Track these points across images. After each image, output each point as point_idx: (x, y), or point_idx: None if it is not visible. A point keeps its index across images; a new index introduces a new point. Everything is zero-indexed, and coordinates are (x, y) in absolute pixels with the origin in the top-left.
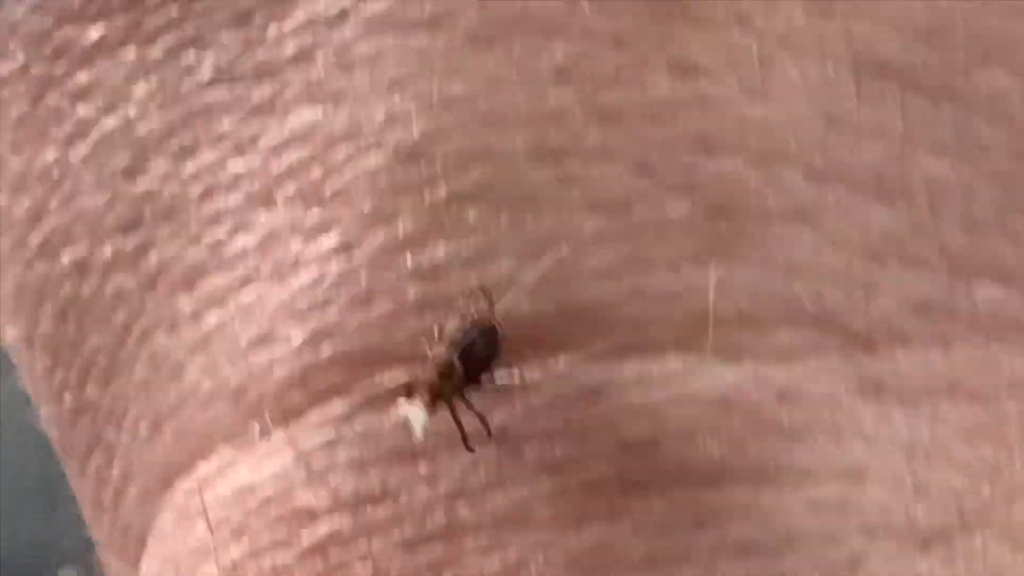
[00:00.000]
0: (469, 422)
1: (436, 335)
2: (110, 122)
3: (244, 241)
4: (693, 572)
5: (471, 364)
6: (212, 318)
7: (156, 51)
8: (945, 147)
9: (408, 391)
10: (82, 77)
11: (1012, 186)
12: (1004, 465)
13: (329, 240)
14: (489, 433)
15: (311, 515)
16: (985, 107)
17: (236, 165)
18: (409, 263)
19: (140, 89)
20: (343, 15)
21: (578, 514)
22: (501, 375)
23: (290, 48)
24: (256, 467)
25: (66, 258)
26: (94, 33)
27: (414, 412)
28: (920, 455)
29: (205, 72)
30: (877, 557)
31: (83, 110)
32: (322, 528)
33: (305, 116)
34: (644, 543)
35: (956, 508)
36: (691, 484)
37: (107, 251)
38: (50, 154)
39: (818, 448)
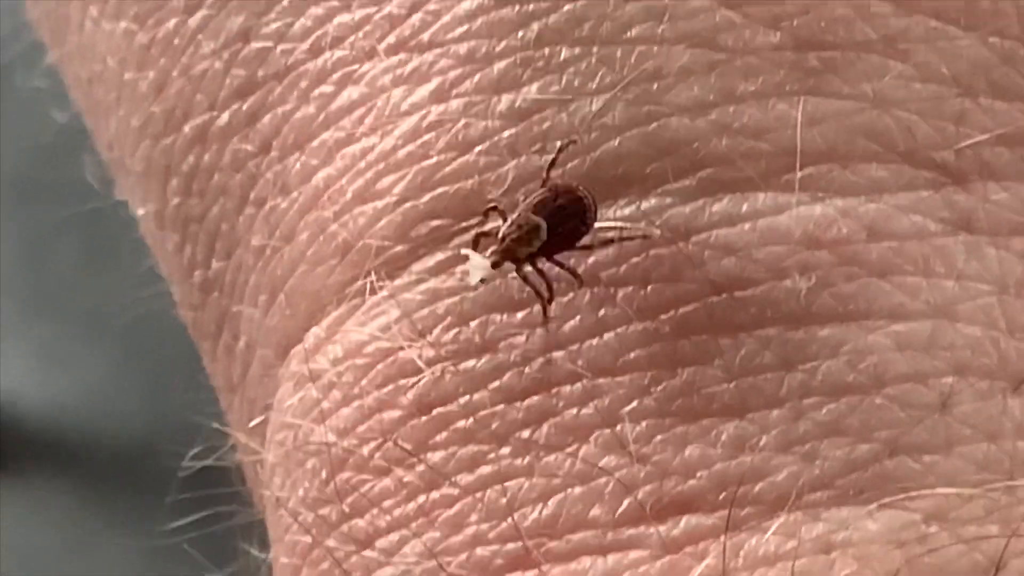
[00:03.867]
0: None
1: (522, 197)
2: None
3: (350, 94)
4: (782, 414)
5: (555, 235)
6: (320, 176)
7: None
8: None
9: (477, 242)
10: None
11: None
12: None
13: (427, 87)
14: (581, 284)
15: (415, 370)
16: None
17: (343, 18)
18: (502, 104)
19: None
20: None
21: (670, 356)
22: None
23: None
24: (363, 325)
25: (188, 128)
26: None
27: (476, 262)
28: (1012, 291)
29: None
30: (968, 396)
31: None
32: (425, 383)
33: None
34: (734, 385)
35: None
36: (780, 322)
37: (224, 117)
38: (171, 22)
39: (907, 284)
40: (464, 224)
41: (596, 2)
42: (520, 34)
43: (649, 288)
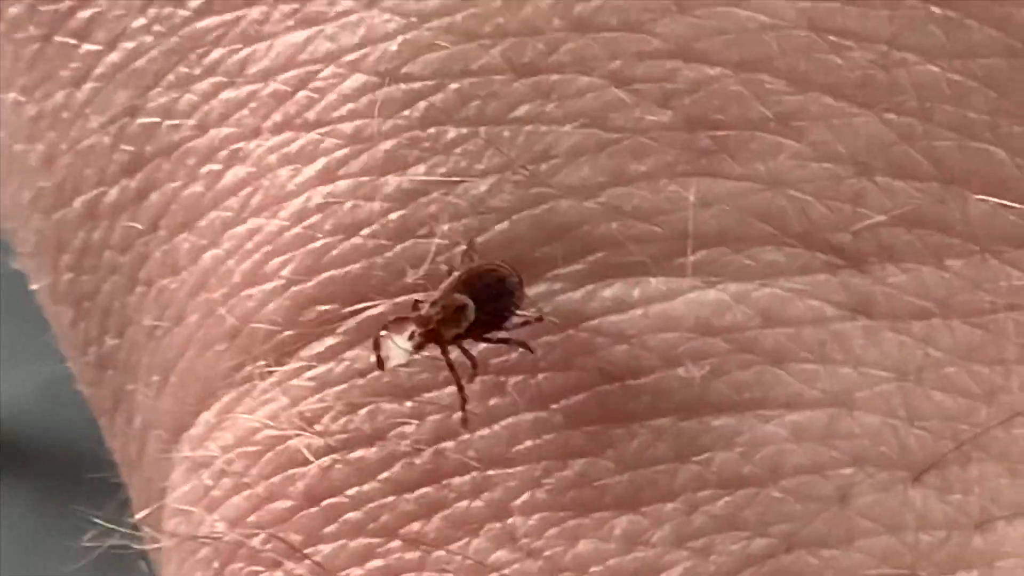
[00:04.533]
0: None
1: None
2: (112, 57)
3: (236, 173)
4: (677, 507)
5: (482, 313)
6: (209, 257)
7: None
8: (935, 49)
9: (397, 325)
10: (84, 13)
11: (1005, 88)
12: (1001, 386)
13: (313, 167)
14: (475, 370)
15: (305, 459)
16: (976, 6)
17: (228, 94)
18: (389, 186)
19: (137, 21)
20: None
21: (562, 447)
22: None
23: None
24: (252, 412)
25: (78, 203)
26: None
27: (398, 348)
28: (912, 378)
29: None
30: (867, 488)
31: (87, 47)
32: (315, 473)
33: (289, 40)
34: (627, 477)
35: (951, 434)
36: (673, 412)
37: (113, 193)
38: (59, 96)
39: (804, 371)
40: (351, 309)
41: (483, 80)
42: (406, 113)
43: (540, 376)
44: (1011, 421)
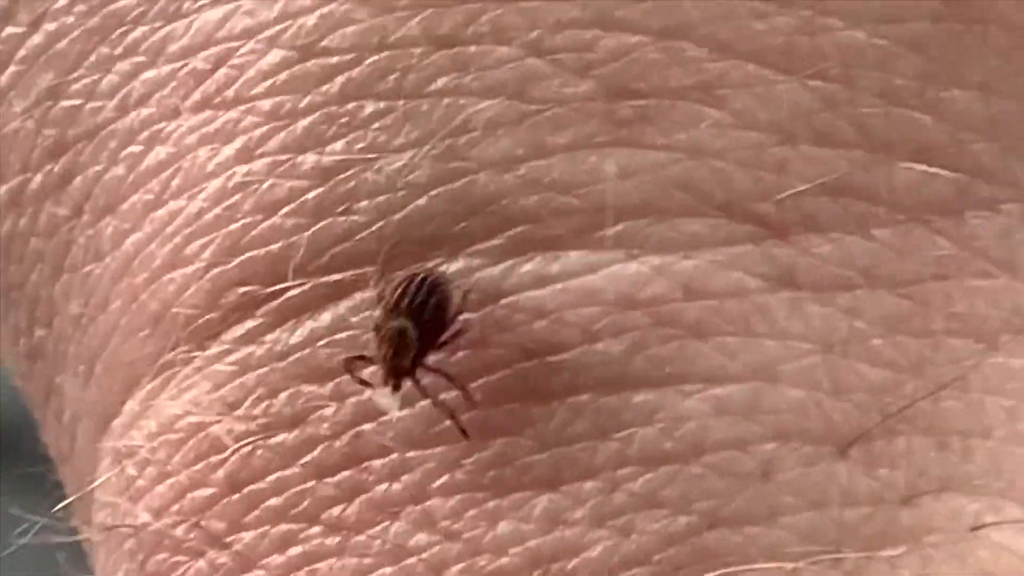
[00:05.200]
0: None
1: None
2: (35, 39)
3: (157, 155)
4: (597, 486)
5: (424, 326)
6: (131, 241)
7: None
8: (859, 14)
9: (351, 365)
10: None
11: (932, 53)
12: (928, 357)
13: (232, 146)
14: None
15: (226, 446)
16: None
17: (148, 74)
18: (307, 163)
19: (59, 2)
20: None
21: (481, 427)
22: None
23: None
24: (175, 399)
25: (3, 191)
26: None
27: (386, 399)
28: (837, 350)
29: None
30: (791, 463)
31: (9, 29)
32: (236, 459)
33: (208, 17)
34: (548, 456)
35: (877, 407)
36: (593, 389)
37: (38, 179)
38: None
39: (726, 344)
40: (272, 290)
41: (401, 53)
42: (324, 88)
43: (458, 355)
44: (938, 394)
